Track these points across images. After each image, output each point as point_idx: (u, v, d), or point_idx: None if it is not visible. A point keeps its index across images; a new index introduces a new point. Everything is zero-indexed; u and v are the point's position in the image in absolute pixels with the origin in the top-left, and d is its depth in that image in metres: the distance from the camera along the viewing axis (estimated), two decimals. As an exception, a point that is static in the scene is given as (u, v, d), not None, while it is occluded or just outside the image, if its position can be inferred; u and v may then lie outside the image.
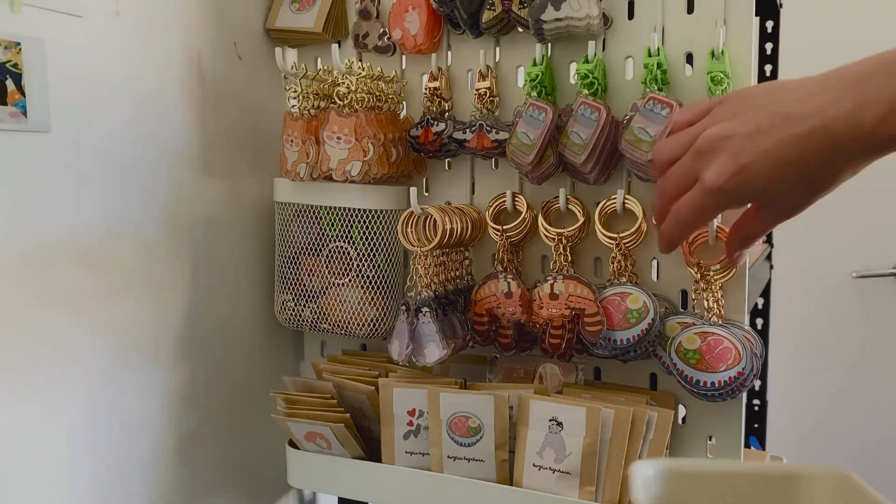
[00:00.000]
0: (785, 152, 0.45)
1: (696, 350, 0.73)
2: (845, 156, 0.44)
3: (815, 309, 1.95)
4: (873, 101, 0.42)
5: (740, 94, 0.50)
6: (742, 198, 0.48)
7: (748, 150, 0.46)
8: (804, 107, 0.45)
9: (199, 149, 0.85)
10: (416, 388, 0.80)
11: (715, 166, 0.48)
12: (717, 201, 0.49)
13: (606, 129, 0.74)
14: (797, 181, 0.46)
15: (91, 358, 0.73)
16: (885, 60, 0.42)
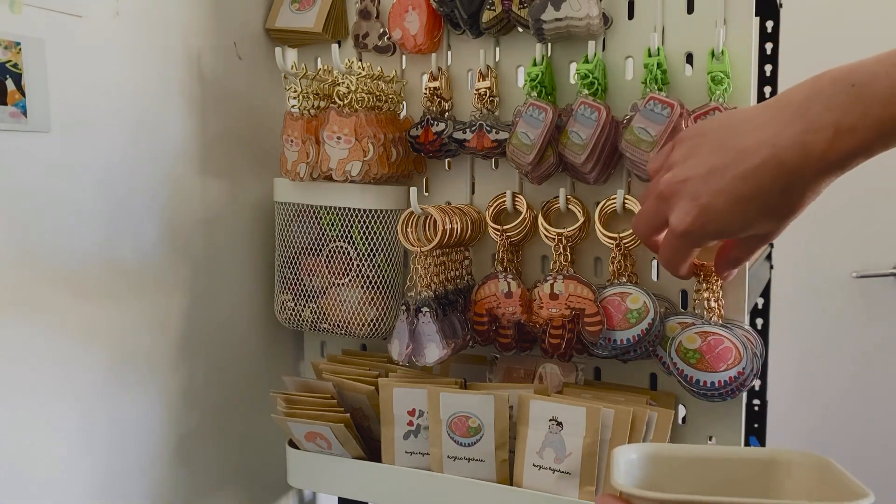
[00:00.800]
0: (741, 188, 0.46)
1: (697, 350, 0.73)
2: (801, 182, 0.44)
3: (815, 309, 1.95)
4: (819, 127, 0.42)
5: (694, 132, 0.51)
6: (712, 234, 0.49)
7: (705, 192, 0.47)
8: (754, 139, 0.45)
9: (199, 149, 0.85)
10: (416, 388, 0.80)
11: (677, 211, 0.49)
12: (689, 242, 0.50)
13: (606, 129, 0.74)
14: (760, 212, 0.46)
15: (91, 358, 0.73)
16: (825, 83, 0.43)
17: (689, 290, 0.79)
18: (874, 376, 1.93)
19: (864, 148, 0.42)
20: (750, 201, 0.46)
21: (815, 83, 0.44)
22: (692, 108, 0.73)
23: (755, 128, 0.46)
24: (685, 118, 0.72)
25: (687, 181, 0.48)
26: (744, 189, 0.46)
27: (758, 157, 0.45)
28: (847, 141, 0.42)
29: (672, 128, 0.71)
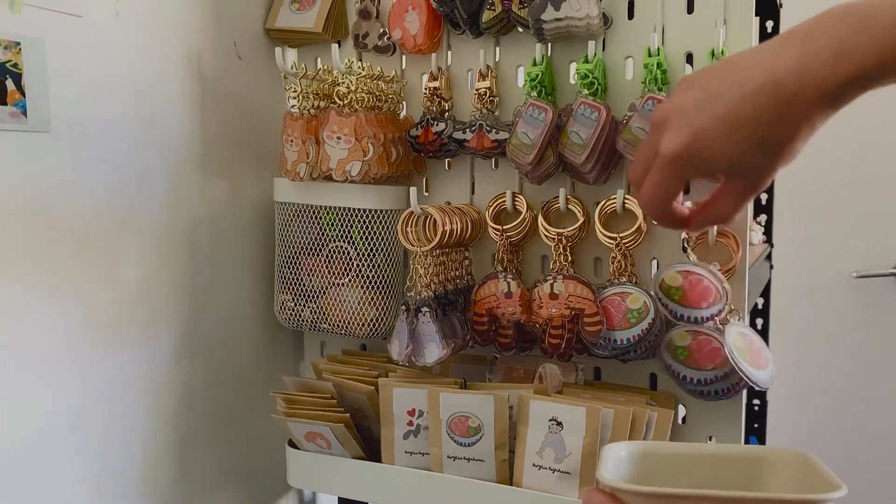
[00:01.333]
0: (737, 111, 0.45)
1: (686, 347, 0.74)
2: (798, 109, 0.43)
3: (815, 309, 1.95)
4: (819, 51, 0.42)
5: (696, 72, 0.50)
6: (701, 164, 0.47)
7: (699, 116, 0.46)
8: (753, 65, 0.45)
9: (199, 149, 0.85)
10: (416, 388, 0.80)
11: (669, 135, 0.47)
12: (676, 170, 0.48)
13: (606, 128, 0.74)
14: (754, 141, 0.45)
15: (91, 358, 0.73)
16: (831, 14, 0.42)
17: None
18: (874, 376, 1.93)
19: (862, 74, 0.41)
20: (745, 126, 0.45)
21: (821, 16, 0.43)
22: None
23: (755, 56, 0.45)
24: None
25: (683, 107, 0.47)
26: (740, 113, 0.45)
27: (755, 81, 0.44)
28: (846, 66, 0.41)
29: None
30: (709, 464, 0.45)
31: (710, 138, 0.46)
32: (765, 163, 0.46)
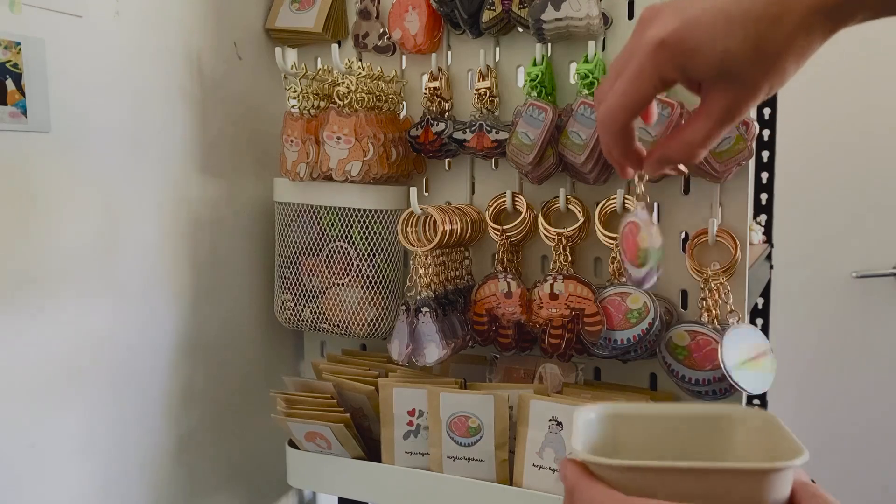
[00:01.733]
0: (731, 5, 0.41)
1: (685, 347, 0.74)
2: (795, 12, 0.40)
3: (815, 309, 1.95)
4: None
5: None
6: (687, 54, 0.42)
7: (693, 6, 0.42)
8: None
9: (198, 148, 0.85)
10: (416, 388, 0.80)
11: (656, 24, 0.43)
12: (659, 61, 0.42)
13: (606, 129, 0.74)
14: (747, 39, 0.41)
15: (91, 357, 0.73)
16: None
17: (690, 291, 0.79)
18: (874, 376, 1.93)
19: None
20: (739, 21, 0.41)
21: None
22: (692, 108, 0.73)
23: None
24: (685, 118, 0.72)
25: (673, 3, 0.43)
26: (732, 7, 0.41)
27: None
28: None
29: (672, 127, 0.71)
30: (677, 423, 0.46)
31: (701, 26, 0.42)
32: (753, 71, 0.42)
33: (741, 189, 0.77)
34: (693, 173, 0.77)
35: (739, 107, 0.44)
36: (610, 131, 0.46)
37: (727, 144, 0.71)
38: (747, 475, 0.37)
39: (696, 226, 0.78)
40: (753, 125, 0.71)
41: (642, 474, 0.37)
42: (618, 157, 0.47)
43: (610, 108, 0.45)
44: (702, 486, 0.36)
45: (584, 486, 0.38)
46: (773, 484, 0.37)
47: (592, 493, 0.37)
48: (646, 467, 0.37)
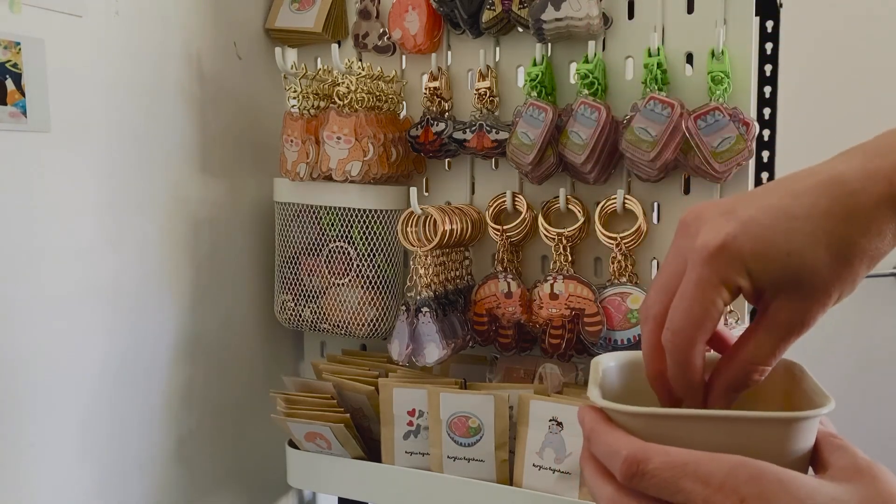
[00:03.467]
0: (791, 203, 0.37)
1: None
2: (865, 206, 0.36)
3: (815, 309, 1.95)
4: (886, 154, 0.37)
5: None
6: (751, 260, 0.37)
7: (746, 205, 0.38)
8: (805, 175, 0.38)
9: (198, 148, 0.85)
10: (416, 388, 0.80)
11: (707, 229, 0.38)
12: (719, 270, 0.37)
13: (606, 129, 0.74)
14: (813, 240, 0.37)
15: (91, 357, 0.73)
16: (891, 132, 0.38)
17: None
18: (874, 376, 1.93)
19: None
20: (801, 221, 0.37)
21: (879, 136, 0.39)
22: (692, 108, 0.73)
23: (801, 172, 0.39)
24: (685, 118, 0.72)
25: (719, 204, 0.39)
26: (794, 205, 0.37)
27: (811, 180, 0.38)
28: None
29: (672, 127, 0.71)
30: None
31: (762, 227, 0.37)
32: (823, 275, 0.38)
33: (741, 189, 0.77)
34: (693, 173, 0.77)
35: (807, 318, 0.40)
36: (682, 358, 0.40)
37: (727, 144, 0.71)
38: (771, 424, 0.35)
39: (696, 226, 0.77)
40: (753, 125, 0.71)
41: (661, 421, 0.36)
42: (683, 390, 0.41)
43: (680, 331, 0.39)
44: (722, 434, 0.35)
45: (602, 432, 0.37)
46: (797, 433, 0.36)
47: (609, 438, 0.36)
48: (665, 415, 0.36)
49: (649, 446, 0.35)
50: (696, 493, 0.33)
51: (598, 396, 0.38)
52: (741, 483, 0.33)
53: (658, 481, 0.34)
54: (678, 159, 0.74)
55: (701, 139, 0.71)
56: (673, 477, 0.34)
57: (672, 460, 0.34)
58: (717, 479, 0.33)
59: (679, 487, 0.34)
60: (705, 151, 0.71)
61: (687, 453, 0.34)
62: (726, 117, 0.70)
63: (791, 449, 0.36)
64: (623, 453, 0.35)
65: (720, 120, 0.70)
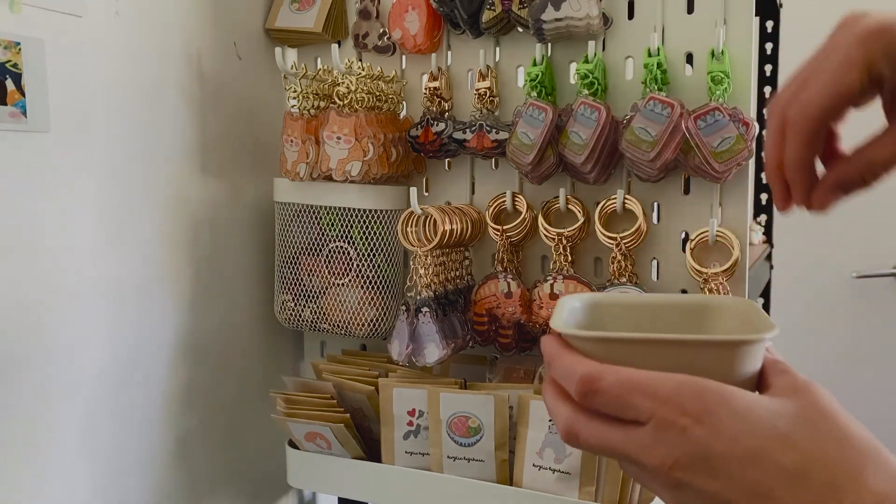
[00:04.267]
0: None
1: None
2: None
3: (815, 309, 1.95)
4: None
5: None
6: None
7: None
8: None
9: (198, 149, 0.85)
10: (416, 388, 0.80)
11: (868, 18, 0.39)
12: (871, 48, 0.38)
13: (606, 129, 0.74)
14: None
15: (91, 357, 0.73)
16: None
17: (690, 291, 0.79)
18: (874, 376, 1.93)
19: None
20: None
21: None
22: (692, 108, 0.73)
23: None
24: (685, 118, 0.72)
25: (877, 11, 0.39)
26: None
27: None
28: None
29: (672, 127, 0.71)
30: (660, 312, 0.47)
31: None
32: None
33: (741, 189, 0.77)
34: (693, 173, 0.77)
35: None
36: (804, 133, 0.40)
37: (727, 144, 0.71)
38: (717, 347, 0.38)
39: (696, 226, 0.78)
40: (753, 125, 0.71)
41: (615, 345, 0.38)
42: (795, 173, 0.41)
43: (809, 104, 0.39)
44: (672, 356, 0.37)
45: (561, 355, 0.39)
46: (743, 357, 0.38)
47: (567, 361, 0.39)
48: (618, 338, 0.39)
49: (603, 367, 0.37)
50: (644, 407, 0.36)
51: (560, 324, 0.41)
52: (686, 398, 0.35)
53: (610, 398, 0.37)
54: (678, 159, 0.74)
55: (701, 139, 0.71)
56: (624, 393, 0.36)
57: (623, 378, 0.37)
58: (664, 395, 0.36)
59: (629, 403, 0.36)
60: (705, 151, 0.71)
61: (637, 372, 0.37)
62: (726, 117, 0.70)
63: (737, 371, 0.38)
64: (579, 373, 0.37)
65: (720, 120, 0.70)
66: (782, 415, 0.36)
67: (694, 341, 0.38)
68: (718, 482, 0.35)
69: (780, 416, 0.36)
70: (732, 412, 0.35)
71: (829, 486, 0.34)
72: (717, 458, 0.35)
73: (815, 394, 0.37)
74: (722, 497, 0.35)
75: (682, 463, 0.35)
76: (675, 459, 0.35)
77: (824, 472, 0.34)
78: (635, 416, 0.36)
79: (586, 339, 0.39)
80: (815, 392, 0.37)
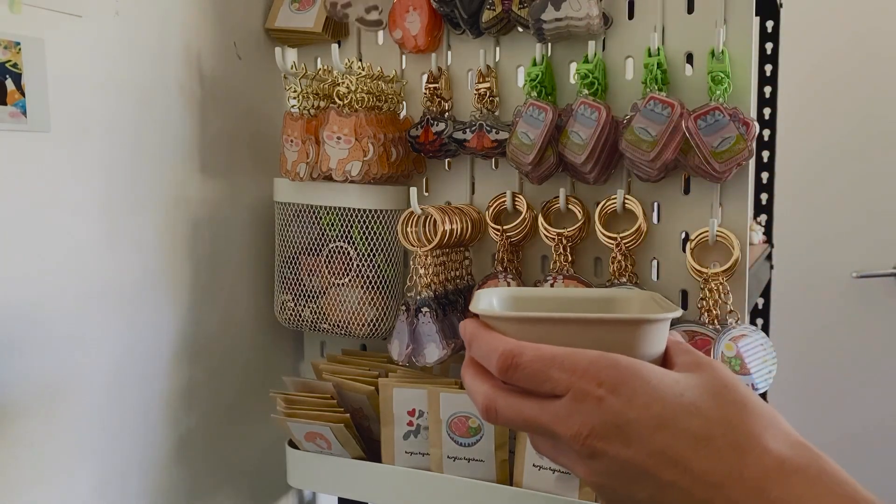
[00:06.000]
0: None
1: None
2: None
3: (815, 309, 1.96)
4: None
5: None
6: None
7: None
8: None
9: (198, 149, 0.85)
10: (416, 388, 0.80)
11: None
12: None
13: (606, 129, 0.74)
14: None
15: (90, 357, 0.73)
16: None
17: (690, 291, 0.79)
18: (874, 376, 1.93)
19: None
20: None
21: None
22: (692, 108, 0.73)
23: None
24: (685, 118, 0.72)
25: None
26: None
27: None
28: None
29: (672, 127, 0.71)
30: (572, 303, 0.50)
31: None
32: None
33: (741, 189, 0.77)
34: (693, 173, 0.77)
35: None
36: None
37: (727, 144, 0.71)
38: (622, 325, 0.41)
39: (696, 226, 0.78)
40: (753, 125, 0.71)
41: (530, 325, 0.41)
42: None
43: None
44: (584, 334, 0.40)
45: (482, 336, 0.42)
46: (646, 335, 0.41)
47: (488, 339, 0.41)
48: (534, 318, 0.41)
49: (522, 344, 0.40)
50: (562, 380, 0.38)
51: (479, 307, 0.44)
52: (601, 370, 0.38)
53: (529, 372, 0.39)
54: (678, 159, 0.74)
55: (701, 139, 0.71)
56: (542, 368, 0.39)
57: (542, 353, 0.39)
58: (581, 368, 0.38)
59: (548, 377, 0.39)
60: (705, 151, 0.71)
61: (555, 349, 0.39)
62: (726, 117, 0.70)
63: (642, 350, 0.41)
64: (500, 349, 0.40)
65: (720, 120, 0.70)
66: (688, 385, 0.39)
67: (602, 319, 0.41)
68: (631, 449, 0.37)
69: (687, 387, 0.38)
70: (645, 382, 0.38)
71: (733, 448, 0.36)
72: (629, 425, 0.37)
73: (717, 369, 0.40)
74: (635, 462, 0.37)
75: (597, 431, 0.37)
76: (590, 428, 0.37)
77: (728, 436, 0.37)
78: (552, 388, 0.39)
79: (505, 318, 0.42)
80: (716, 367, 0.40)
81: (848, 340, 1.94)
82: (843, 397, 1.95)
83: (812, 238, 1.93)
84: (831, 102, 1.86)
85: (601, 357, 0.39)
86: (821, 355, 1.96)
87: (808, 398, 1.97)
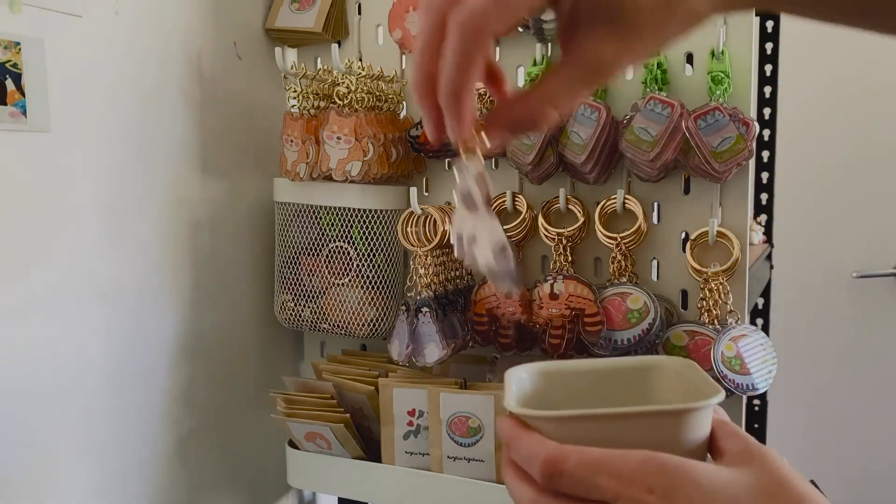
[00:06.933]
0: None
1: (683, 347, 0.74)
2: None
3: (815, 309, 1.95)
4: None
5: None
6: None
7: None
8: None
9: (198, 149, 0.85)
10: (416, 388, 0.80)
11: None
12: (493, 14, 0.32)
13: (606, 129, 0.74)
14: None
15: (90, 357, 0.73)
16: None
17: (690, 291, 0.79)
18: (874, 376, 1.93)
19: None
20: None
21: None
22: (692, 108, 0.73)
23: None
24: (685, 118, 0.72)
25: None
26: None
27: None
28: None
29: (672, 127, 0.71)
30: (606, 375, 0.48)
31: None
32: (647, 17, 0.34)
33: (741, 189, 0.77)
34: (693, 173, 0.77)
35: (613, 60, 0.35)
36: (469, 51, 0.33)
37: (727, 144, 0.71)
38: (664, 416, 0.39)
39: (696, 226, 0.78)
40: (753, 125, 0.71)
41: (571, 423, 0.39)
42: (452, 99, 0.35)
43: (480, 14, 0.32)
44: (626, 430, 0.39)
45: (520, 437, 0.40)
46: (690, 423, 0.39)
47: (527, 443, 0.39)
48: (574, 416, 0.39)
49: (565, 448, 0.37)
50: (609, 488, 0.36)
51: (513, 405, 0.41)
52: (649, 475, 0.36)
53: (575, 480, 0.37)
54: (678, 159, 0.74)
55: (701, 139, 0.71)
56: (588, 475, 0.36)
57: (586, 459, 0.37)
58: (628, 474, 0.36)
59: (594, 484, 0.36)
60: (705, 151, 0.71)
61: (599, 452, 0.37)
62: (726, 117, 0.70)
63: (687, 438, 0.39)
64: (542, 456, 0.37)
65: (720, 120, 0.70)
66: (742, 486, 0.36)
67: (637, 413, 0.39)
68: None
69: (742, 488, 0.36)
70: (696, 485, 0.36)
71: None
72: None
73: (768, 461, 0.38)
74: None
75: None
76: None
77: None
78: (600, 496, 0.36)
79: (544, 418, 0.40)
80: (768, 459, 0.38)
81: (848, 340, 1.94)
82: (843, 397, 1.95)
83: (812, 238, 1.93)
84: (831, 102, 1.86)
85: (649, 459, 0.36)
86: (821, 355, 1.96)
87: (808, 398, 1.97)
